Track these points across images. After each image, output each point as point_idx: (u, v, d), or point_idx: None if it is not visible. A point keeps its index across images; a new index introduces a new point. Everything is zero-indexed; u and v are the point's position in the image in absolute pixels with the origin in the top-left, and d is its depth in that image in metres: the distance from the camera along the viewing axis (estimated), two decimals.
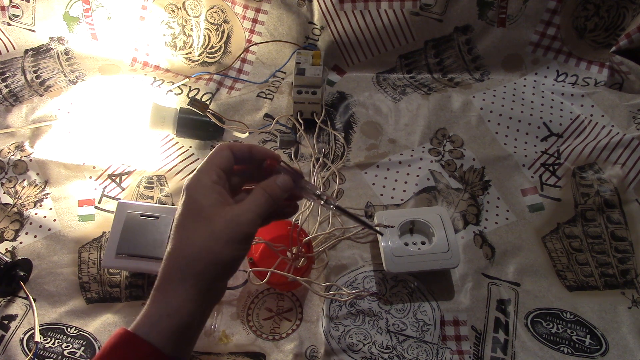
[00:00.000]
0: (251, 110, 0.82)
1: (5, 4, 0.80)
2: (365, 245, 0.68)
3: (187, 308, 0.41)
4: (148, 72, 0.86)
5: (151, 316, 0.41)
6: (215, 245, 0.41)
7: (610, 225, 0.69)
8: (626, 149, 0.73)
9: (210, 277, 0.42)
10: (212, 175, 0.43)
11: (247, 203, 0.43)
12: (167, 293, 0.41)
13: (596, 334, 0.61)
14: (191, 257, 0.41)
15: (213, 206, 0.42)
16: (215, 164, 0.44)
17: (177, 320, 0.40)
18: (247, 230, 0.42)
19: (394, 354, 0.59)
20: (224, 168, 0.44)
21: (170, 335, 0.40)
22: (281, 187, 0.45)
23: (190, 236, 0.41)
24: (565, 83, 0.85)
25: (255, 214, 0.43)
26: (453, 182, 0.73)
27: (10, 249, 0.67)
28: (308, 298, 0.63)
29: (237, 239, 0.42)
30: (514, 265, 0.67)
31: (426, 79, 0.87)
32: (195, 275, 0.41)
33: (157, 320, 0.40)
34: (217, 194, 0.43)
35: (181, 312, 0.41)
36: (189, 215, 0.42)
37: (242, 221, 0.42)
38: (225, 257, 0.42)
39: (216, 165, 0.44)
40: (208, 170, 0.43)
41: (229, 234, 0.41)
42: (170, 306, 0.40)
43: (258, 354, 0.59)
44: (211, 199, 0.42)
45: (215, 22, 0.84)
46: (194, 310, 0.41)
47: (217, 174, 0.43)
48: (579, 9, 0.82)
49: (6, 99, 0.81)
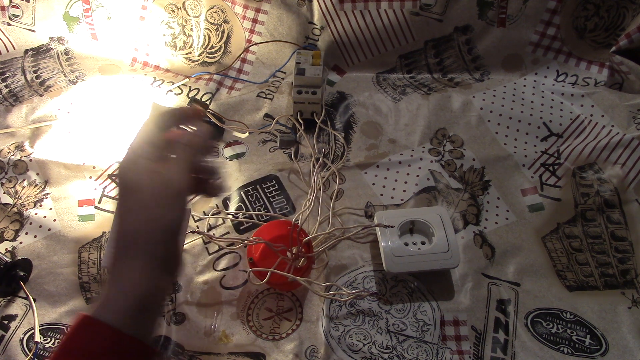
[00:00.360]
0: (251, 110, 0.82)
1: (5, 4, 0.80)
2: (365, 245, 0.68)
3: (140, 284, 0.41)
4: (148, 72, 0.86)
5: (107, 298, 0.41)
6: (152, 213, 0.41)
7: (610, 225, 0.69)
8: (626, 149, 0.73)
9: (154, 246, 0.42)
10: (142, 152, 0.44)
11: (173, 161, 0.44)
12: (119, 274, 0.41)
13: (596, 334, 0.61)
14: (132, 234, 0.41)
15: (141, 178, 0.42)
16: (141, 139, 0.45)
17: (132, 298, 0.41)
18: (176, 188, 0.43)
19: (394, 354, 0.59)
20: (151, 142, 0.45)
21: (128, 314, 0.40)
22: (200, 135, 0.46)
23: (130, 213, 0.42)
24: (565, 83, 0.85)
25: (180, 168, 0.43)
26: (453, 182, 0.73)
27: (10, 249, 0.68)
28: (308, 298, 0.63)
29: (168, 200, 0.42)
30: (514, 265, 0.67)
31: (426, 79, 0.87)
32: (140, 249, 0.41)
33: (113, 301, 0.41)
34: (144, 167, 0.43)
35: (135, 289, 0.41)
36: (122, 195, 0.43)
37: (170, 179, 0.42)
38: (162, 222, 0.42)
39: (143, 142, 0.44)
40: (138, 147, 0.44)
41: (159, 198, 0.42)
42: (124, 285, 0.41)
43: (258, 354, 0.59)
44: (139, 172, 0.43)
45: (215, 22, 0.84)
46: (148, 285, 0.41)
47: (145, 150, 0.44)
48: (579, 9, 0.82)
49: (6, 99, 0.81)
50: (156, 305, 0.44)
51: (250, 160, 0.76)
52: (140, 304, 0.41)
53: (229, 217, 0.70)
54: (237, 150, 0.77)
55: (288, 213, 0.71)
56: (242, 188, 0.73)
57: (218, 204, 0.71)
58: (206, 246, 0.67)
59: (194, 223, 0.69)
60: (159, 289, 0.43)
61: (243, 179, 0.74)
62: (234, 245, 0.67)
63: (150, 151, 0.44)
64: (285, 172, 0.75)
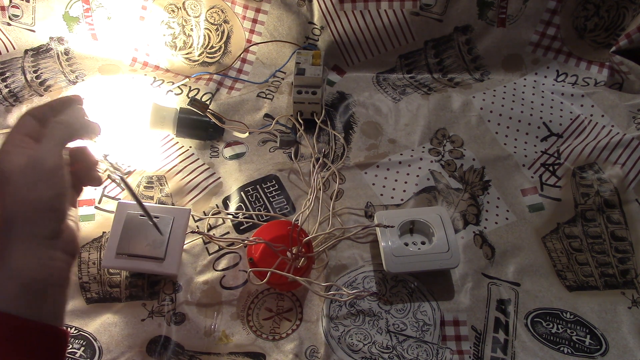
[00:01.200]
0: (251, 110, 0.82)
1: (5, 4, 0.80)
2: (365, 245, 0.68)
3: (24, 264, 0.40)
4: (148, 72, 0.86)
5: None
6: (22, 193, 0.41)
7: (610, 225, 0.69)
8: (626, 149, 0.73)
9: (35, 226, 0.41)
10: (14, 141, 0.43)
11: (43, 139, 0.43)
12: (3, 259, 0.40)
13: (596, 334, 0.61)
14: (8, 217, 0.41)
15: (13, 164, 0.41)
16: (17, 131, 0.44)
17: (20, 279, 0.40)
18: (50, 164, 0.42)
19: (394, 354, 0.59)
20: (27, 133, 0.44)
21: (18, 297, 0.40)
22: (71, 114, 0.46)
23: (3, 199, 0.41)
24: (565, 83, 0.85)
25: (52, 144, 0.43)
26: (453, 182, 0.73)
27: None
28: (308, 298, 0.63)
29: (42, 177, 0.41)
30: (514, 265, 0.67)
31: (426, 79, 0.87)
32: (21, 230, 0.41)
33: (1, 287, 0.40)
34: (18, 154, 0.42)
35: (20, 270, 0.40)
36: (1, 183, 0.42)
37: (41, 157, 0.42)
38: (39, 200, 0.41)
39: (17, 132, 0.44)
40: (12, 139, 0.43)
41: (32, 177, 0.41)
42: (8, 268, 0.40)
43: (258, 354, 0.59)
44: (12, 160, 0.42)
45: (215, 22, 0.84)
46: (35, 264, 0.41)
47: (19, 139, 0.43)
48: (579, 9, 0.82)
49: (6, 99, 0.81)
50: (54, 285, 0.43)
51: (250, 160, 0.76)
52: (31, 286, 0.40)
53: (229, 217, 0.70)
54: (237, 150, 0.77)
55: (288, 213, 0.71)
56: (242, 188, 0.73)
57: (218, 204, 0.71)
58: (206, 246, 0.67)
59: (194, 223, 0.69)
60: (50, 267, 0.42)
61: (243, 179, 0.74)
62: (234, 245, 0.67)
63: (23, 139, 0.43)
64: (285, 172, 0.75)
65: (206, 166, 0.75)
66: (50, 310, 0.42)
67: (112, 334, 0.60)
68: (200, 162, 0.76)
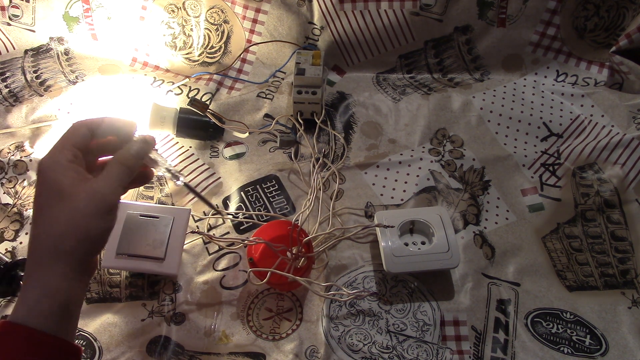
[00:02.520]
0: (251, 110, 0.82)
1: (5, 4, 0.80)
2: (365, 245, 0.68)
3: (63, 287, 0.41)
4: (148, 72, 0.86)
5: (28, 301, 0.41)
6: (82, 220, 0.41)
7: (610, 225, 0.69)
8: (626, 149, 0.73)
9: (81, 253, 0.42)
10: (68, 155, 0.43)
11: (107, 175, 0.44)
12: (41, 276, 0.41)
13: (596, 334, 0.61)
14: (59, 236, 0.41)
15: (72, 184, 0.42)
16: (70, 142, 0.44)
17: (56, 300, 0.41)
18: (110, 201, 0.43)
19: (394, 354, 0.59)
20: (79, 146, 0.44)
21: (51, 316, 0.41)
22: (134, 156, 0.46)
23: (54, 216, 0.41)
24: (565, 83, 0.85)
25: (116, 184, 0.44)
26: (453, 182, 0.73)
27: (10, 249, 0.67)
28: (308, 298, 0.63)
29: (102, 212, 0.42)
30: (514, 265, 0.67)
31: (426, 79, 0.87)
32: (66, 253, 0.41)
33: (35, 303, 0.41)
34: (74, 172, 0.43)
35: (58, 291, 0.41)
36: (49, 196, 0.42)
37: (104, 193, 0.43)
38: (93, 232, 0.42)
39: (71, 144, 0.44)
40: (63, 149, 0.44)
41: (93, 208, 0.42)
42: (47, 288, 0.41)
43: (258, 354, 0.59)
44: (70, 177, 0.42)
45: (215, 22, 0.84)
46: (71, 287, 0.42)
47: (72, 153, 0.44)
48: (579, 9, 0.82)
49: (6, 99, 0.81)
50: (77, 307, 0.44)
51: (250, 160, 0.76)
52: (63, 308, 0.42)
53: (229, 217, 0.70)
54: (237, 150, 0.77)
55: (288, 213, 0.71)
56: (242, 188, 0.73)
57: (218, 204, 0.71)
58: (206, 246, 0.67)
59: (194, 223, 0.69)
60: (80, 292, 0.44)
61: (243, 179, 0.74)
62: (234, 245, 0.67)
63: (76, 154, 0.44)
64: (285, 172, 0.75)
65: (206, 166, 0.75)
66: (73, 329, 0.44)
67: (112, 334, 0.60)
68: (200, 162, 0.76)
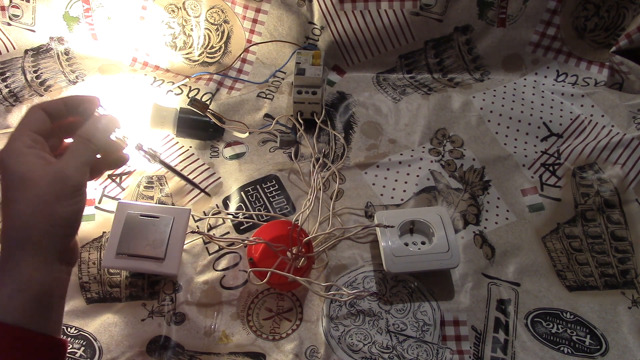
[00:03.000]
0: (251, 110, 0.82)
1: (5, 4, 0.80)
2: (365, 245, 0.68)
3: (36, 278, 0.40)
4: (148, 72, 0.86)
5: (1, 297, 0.39)
6: (45, 206, 0.40)
7: (610, 225, 0.69)
8: (626, 149, 0.73)
9: (51, 241, 0.41)
10: (26, 140, 0.42)
11: (68, 155, 0.42)
12: (11, 270, 0.40)
13: (596, 334, 0.61)
14: (24, 227, 0.40)
15: (33, 170, 0.40)
16: (27, 127, 0.43)
17: (30, 292, 0.40)
18: (75, 181, 0.42)
19: (394, 354, 0.59)
20: (38, 130, 0.43)
21: (27, 310, 0.39)
22: (98, 130, 0.44)
23: (16, 207, 0.40)
24: (565, 83, 0.85)
25: (80, 162, 0.42)
26: (453, 182, 0.73)
27: None
28: (308, 298, 0.63)
29: (66, 193, 0.41)
30: (514, 265, 0.67)
31: (426, 79, 0.87)
32: (34, 243, 0.40)
33: (8, 299, 0.39)
34: (35, 157, 0.41)
35: (31, 283, 0.40)
36: (12, 186, 0.40)
37: (67, 174, 0.41)
38: (60, 215, 0.41)
39: (29, 129, 0.42)
40: (20, 136, 0.42)
41: (57, 191, 0.40)
42: (18, 281, 0.39)
43: (258, 354, 0.59)
44: (30, 163, 0.41)
45: (215, 22, 0.84)
46: (46, 279, 0.40)
47: (31, 138, 0.42)
48: (579, 9, 0.82)
49: (6, 99, 0.81)
50: (57, 298, 0.43)
51: (250, 160, 0.76)
52: (39, 299, 0.40)
53: (229, 217, 0.70)
54: (237, 150, 0.77)
55: (288, 213, 0.71)
56: (242, 188, 0.73)
57: (218, 204, 0.71)
58: (206, 246, 0.67)
59: (194, 223, 0.69)
60: (57, 280, 0.42)
61: (243, 179, 0.74)
62: (234, 245, 0.67)
63: (35, 139, 0.42)
64: (285, 172, 0.75)
65: (206, 166, 0.75)
66: (54, 321, 0.42)
67: (112, 334, 0.60)
68: (200, 162, 0.76)
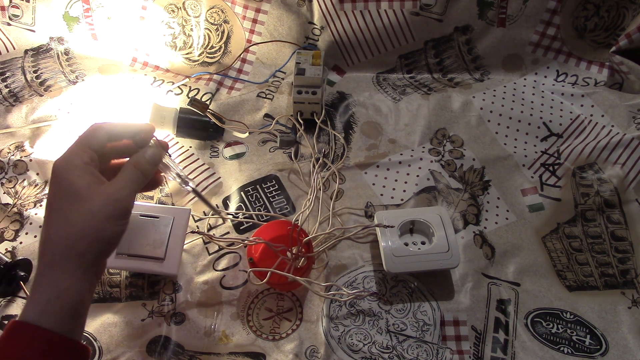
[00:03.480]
0: (251, 110, 0.82)
1: (5, 4, 0.80)
2: (365, 245, 0.68)
3: (74, 288, 0.42)
4: (148, 72, 0.86)
5: (39, 301, 0.41)
6: (96, 223, 0.42)
7: (610, 225, 0.69)
8: (626, 149, 0.73)
9: (93, 255, 0.43)
10: (84, 157, 0.44)
11: (121, 179, 0.44)
12: (53, 276, 0.41)
13: (596, 334, 0.61)
14: (73, 238, 0.42)
15: (88, 186, 0.42)
16: (87, 144, 0.45)
17: (67, 300, 0.41)
18: (125, 205, 0.44)
19: (394, 354, 0.59)
20: (96, 149, 0.45)
21: (63, 316, 0.41)
22: (150, 162, 0.47)
23: (68, 217, 0.42)
24: (565, 83, 0.85)
25: (130, 189, 0.44)
26: (453, 182, 0.73)
27: (10, 249, 0.68)
28: (308, 298, 0.63)
29: (116, 215, 0.43)
30: (514, 265, 0.67)
31: (426, 79, 0.87)
32: (78, 255, 0.42)
33: (46, 304, 0.41)
34: (90, 175, 0.43)
35: (70, 292, 0.41)
36: (64, 198, 0.42)
37: (118, 198, 0.43)
38: (107, 234, 0.43)
39: (87, 146, 0.44)
40: (79, 151, 0.44)
41: (108, 211, 0.42)
42: (58, 288, 0.41)
43: (258, 354, 0.59)
44: (85, 179, 0.43)
45: (215, 22, 0.84)
46: (81, 289, 0.42)
47: (89, 155, 0.44)
48: (579, 9, 0.82)
49: (6, 99, 0.81)
50: (86, 309, 0.45)
51: (250, 160, 0.76)
52: (73, 308, 0.42)
53: (229, 217, 0.70)
54: (237, 150, 0.77)
55: (288, 213, 0.71)
56: (242, 188, 0.73)
57: (218, 204, 0.71)
58: (206, 246, 0.67)
59: (194, 223, 0.69)
60: (88, 293, 0.44)
61: (243, 179, 0.74)
62: (234, 245, 0.67)
63: (92, 156, 0.44)
64: (285, 172, 0.75)
65: (206, 166, 0.75)
66: (81, 330, 0.44)
67: (112, 334, 0.60)
68: (200, 162, 0.76)
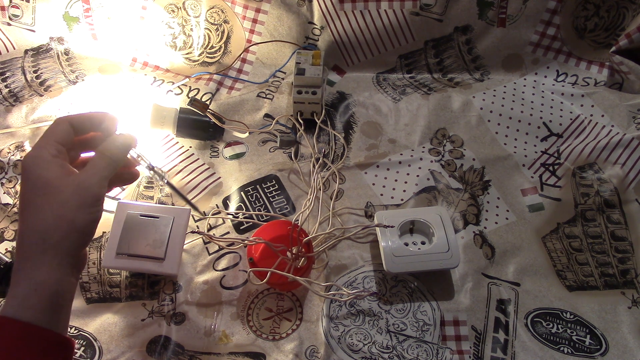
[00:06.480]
0: (251, 110, 0.82)
1: (5, 4, 0.80)
2: (365, 245, 0.68)
3: (52, 279, 0.42)
4: (148, 72, 0.86)
5: (17, 295, 0.41)
6: (67, 213, 0.42)
7: (610, 225, 0.69)
8: (626, 149, 0.73)
9: (68, 245, 0.43)
10: (51, 150, 0.44)
11: (91, 168, 0.45)
12: (29, 270, 0.42)
13: (596, 334, 0.61)
14: (46, 230, 0.42)
15: (57, 178, 0.43)
16: (53, 138, 0.45)
17: (45, 292, 0.42)
18: (95, 193, 0.44)
19: (394, 354, 0.59)
20: (62, 142, 0.45)
21: (42, 308, 0.41)
22: (119, 148, 0.47)
23: (40, 210, 0.42)
24: (565, 83, 0.85)
25: (100, 176, 0.45)
26: (453, 182, 0.73)
27: (10, 249, 0.67)
28: (308, 298, 0.63)
29: (87, 203, 0.44)
30: (514, 265, 0.67)
31: (426, 79, 0.87)
32: (53, 246, 0.42)
33: (25, 297, 0.41)
34: (59, 167, 0.44)
35: (47, 284, 0.42)
36: (35, 191, 0.43)
37: (88, 185, 0.44)
38: (80, 223, 0.43)
39: (54, 140, 0.45)
40: (46, 145, 0.44)
41: (79, 201, 0.43)
42: (35, 281, 0.41)
43: (258, 354, 0.59)
44: (54, 171, 0.43)
45: (215, 22, 0.84)
46: (59, 280, 0.43)
47: (56, 148, 0.45)
48: (579, 9, 0.82)
49: (6, 99, 0.81)
50: (67, 301, 0.45)
51: (250, 160, 0.76)
52: (52, 300, 0.42)
53: (229, 217, 0.70)
54: (237, 150, 0.77)
55: (288, 213, 0.71)
56: (242, 188, 0.73)
57: (218, 204, 0.71)
58: (206, 246, 0.67)
59: (194, 223, 0.69)
60: (69, 285, 0.44)
61: (243, 179, 0.74)
62: (234, 245, 0.67)
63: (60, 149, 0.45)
64: (285, 172, 0.75)
65: (206, 166, 0.75)
66: (64, 322, 0.44)
67: (112, 334, 0.60)
68: (200, 162, 0.76)
